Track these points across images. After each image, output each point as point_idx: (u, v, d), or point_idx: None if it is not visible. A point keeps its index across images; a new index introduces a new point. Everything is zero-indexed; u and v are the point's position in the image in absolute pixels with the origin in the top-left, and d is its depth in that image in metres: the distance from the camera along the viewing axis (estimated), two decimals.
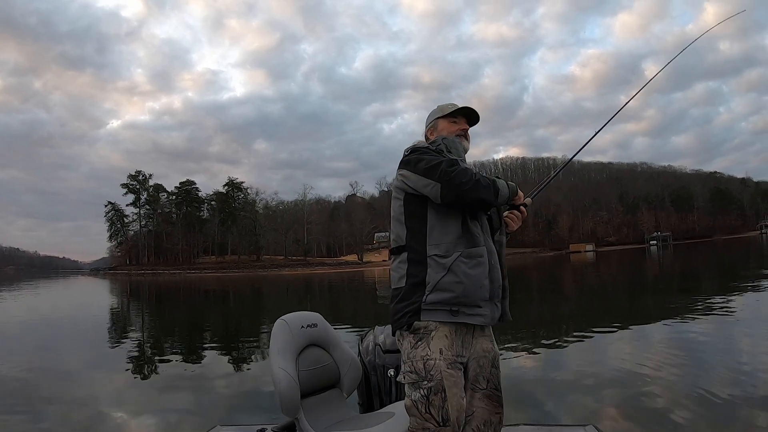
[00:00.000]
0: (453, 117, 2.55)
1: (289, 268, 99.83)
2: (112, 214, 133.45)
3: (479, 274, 2.15)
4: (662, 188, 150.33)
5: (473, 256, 2.15)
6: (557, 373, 6.33)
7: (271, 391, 5.56)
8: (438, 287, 2.12)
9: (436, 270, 2.13)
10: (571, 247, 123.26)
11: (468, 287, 2.12)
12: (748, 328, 8.32)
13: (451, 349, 2.12)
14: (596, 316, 11.65)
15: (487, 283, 2.17)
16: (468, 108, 2.55)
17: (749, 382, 5.15)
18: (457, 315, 2.12)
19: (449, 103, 2.60)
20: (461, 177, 2.13)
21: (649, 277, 25.62)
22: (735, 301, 11.54)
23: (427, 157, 2.23)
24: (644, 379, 5.66)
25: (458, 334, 2.16)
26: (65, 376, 7.38)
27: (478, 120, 2.60)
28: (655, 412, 4.51)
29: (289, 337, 2.60)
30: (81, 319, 16.46)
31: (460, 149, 2.43)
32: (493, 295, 2.21)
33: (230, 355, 9.07)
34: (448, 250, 2.15)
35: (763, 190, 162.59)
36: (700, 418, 4.33)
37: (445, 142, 2.40)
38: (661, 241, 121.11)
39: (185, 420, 4.99)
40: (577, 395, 5.31)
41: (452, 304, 2.11)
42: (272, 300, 25.16)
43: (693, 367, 6.02)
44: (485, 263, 2.17)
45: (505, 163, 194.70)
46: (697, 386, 5.13)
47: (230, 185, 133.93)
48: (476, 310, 2.15)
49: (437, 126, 2.56)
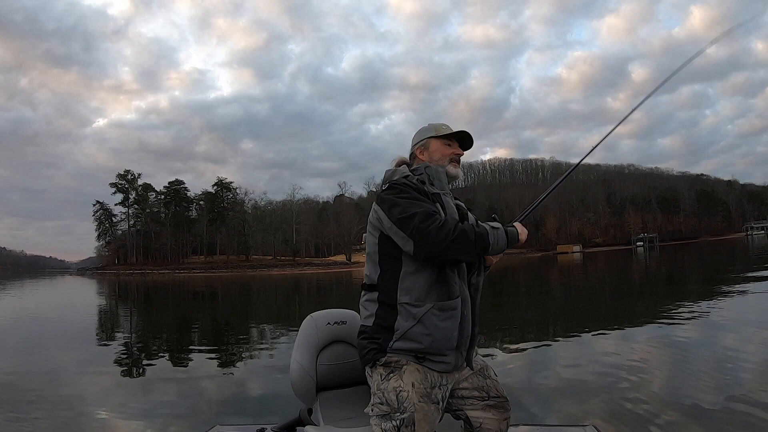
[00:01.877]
0: (448, 139, 2.41)
1: (277, 269, 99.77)
2: (100, 214, 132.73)
3: (450, 327, 2.09)
4: (649, 190, 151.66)
5: (446, 308, 2.08)
6: (557, 374, 6.31)
7: (272, 392, 6.02)
8: (406, 336, 2.07)
9: (406, 318, 2.07)
10: (558, 248, 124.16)
11: (437, 340, 2.07)
12: (736, 329, 8.36)
13: (425, 382, 2.07)
14: (591, 317, 11.71)
15: (456, 334, 2.11)
16: (464, 132, 2.42)
17: (737, 382, 5.22)
18: (422, 361, 2.07)
19: (442, 124, 2.46)
20: (435, 237, 1.97)
21: (636, 278, 25.87)
22: (723, 303, 11.65)
23: (403, 201, 2.08)
24: (644, 379, 5.66)
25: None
26: (58, 377, 7.29)
27: (471, 145, 2.48)
28: (656, 413, 4.51)
29: (312, 332, 2.74)
30: (71, 319, 16.22)
31: (443, 181, 2.30)
32: (459, 345, 2.15)
33: (228, 355, 9.05)
34: (420, 299, 2.07)
35: (749, 193, 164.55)
36: (700, 418, 4.32)
37: (428, 172, 2.28)
38: (648, 243, 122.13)
39: (184, 420, 4.96)
40: (577, 395, 5.30)
41: (418, 352, 2.07)
42: (263, 300, 25.12)
43: (693, 367, 6.00)
44: (457, 315, 2.11)
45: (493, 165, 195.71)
46: (695, 387, 5.15)
47: (219, 185, 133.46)
48: (441, 359, 2.10)
49: (429, 146, 2.41)
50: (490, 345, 8.37)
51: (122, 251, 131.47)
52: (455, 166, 2.38)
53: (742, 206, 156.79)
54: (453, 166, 2.37)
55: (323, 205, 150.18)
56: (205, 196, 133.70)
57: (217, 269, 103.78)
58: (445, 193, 2.27)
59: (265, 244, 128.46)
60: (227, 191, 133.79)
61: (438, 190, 2.24)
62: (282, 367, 7.39)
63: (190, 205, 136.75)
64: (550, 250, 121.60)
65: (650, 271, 30.60)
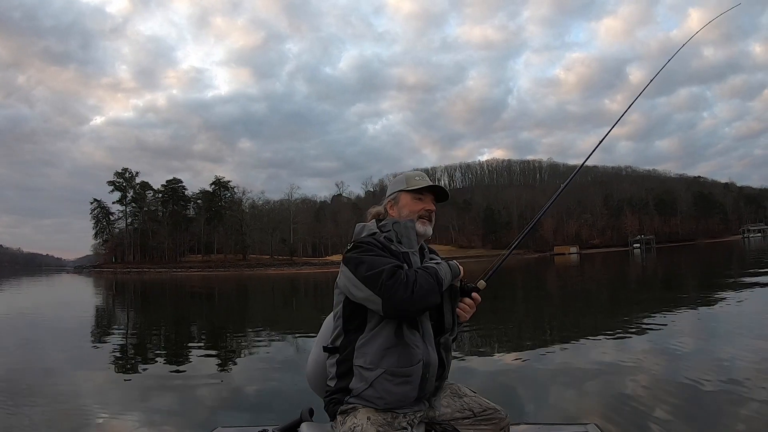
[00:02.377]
0: (419, 193, 2.30)
1: (275, 268, 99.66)
2: (97, 212, 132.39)
3: (406, 391, 2.03)
4: (646, 192, 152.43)
5: (400, 374, 2.01)
6: (558, 372, 6.29)
7: (271, 392, 6.02)
8: (361, 396, 2.03)
9: (360, 380, 2.03)
10: (555, 249, 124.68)
11: (390, 403, 2.02)
12: (736, 329, 8.41)
13: (383, 414, 2.02)
14: (593, 317, 11.86)
15: (414, 393, 2.04)
16: (437, 186, 2.33)
17: (738, 381, 5.23)
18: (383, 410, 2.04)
19: (417, 173, 2.37)
20: (402, 292, 1.92)
21: (634, 279, 25.97)
22: (722, 303, 11.77)
23: (369, 259, 2.03)
24: (644, 379, 5.64)
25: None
26: (54, 375, 7.30)
27: (447, 198, 2.39)
28: (656, 413, 4.49)
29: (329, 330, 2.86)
30: (73, 319, 16.07)
31: (412, 238, 2.20)
32: (420, 398, 2.09)
33: (229, 356, 8.95)
34: (373, 363, 2.01)
35: (746, 195, 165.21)
36: (700, 419, 4.34)
37: (395, 229, 2.20)
38: (645, 245, 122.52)
39: (186, 421, 4.95)
40: (578, 394, 5.30)
41: (377, 407, 2.03)
42: (260, 300, 25.08)
43: (690, 369, 5.93)
44: (416, 380, 2.03)
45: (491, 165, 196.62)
46: (693, 389, 5.13)
47: (217, 184, 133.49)
48: (402, 411, 2.05)
49: (399, 200, 2.32)
50: (485, 345, 8.43)
51: (119, 249, 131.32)
52: (424, 223, 2.26)
53: (739, 209, 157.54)
54: (422, 223, 2.26)
55: (321, 204, 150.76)
56: (203, 195, 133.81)
57: (215, 268, 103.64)
58: (413, 251, 2.18)
59: (263, 243, 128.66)
60: (225, 190, 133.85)
61: (406, 249, 2.16)
62: (281, 368, 7.44)
63: (188, 204, 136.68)
64: (547, 251, 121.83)
65: (647, 273, 30.71)
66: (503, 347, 8.32)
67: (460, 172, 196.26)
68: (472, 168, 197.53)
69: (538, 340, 8.88)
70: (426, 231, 2.25)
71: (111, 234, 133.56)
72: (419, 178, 2.32)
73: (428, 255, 2.32)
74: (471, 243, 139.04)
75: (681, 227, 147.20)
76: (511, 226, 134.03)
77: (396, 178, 2.43)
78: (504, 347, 8.31)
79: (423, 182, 2.30)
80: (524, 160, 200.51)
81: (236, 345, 10.24)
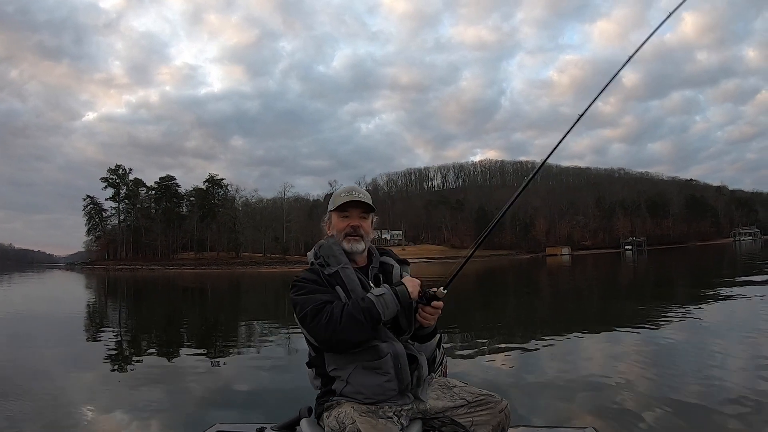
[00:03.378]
0: (343, 210, 2.36)
1: (267, 266, 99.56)
2: (90, 208, 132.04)
3: (383, 383, 2.14)
4: (638, 194, 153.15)
5: (371, 368, 2.13)
6: (556, 375, 6.26)
7: (270, 390, 6.04)
8: (343, 394, 2.16)
9: (339, 382, 2.17)
10: (547, 250, 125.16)
11: (369, 396, 2.14)
12: (722, 335, 8.43)
13: (368, 406, 2.14)
14: (589, 319, 11.88)
15: (393, 385, 2.15)
16: (354, 201, 2.35)
17: (727, 385, 5.26)
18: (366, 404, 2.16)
19: (344, 190, 2.41)
20: (323, 333, 2.06)
21: (628, 281, 26.23)
22: (711, 307, 11.85)
23: (300, 299, 2.17)
24: (643, 380, 5.66)
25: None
26: (51, 375, 7.20)
27: (374, 210, 2.42)
28: (656, 413, 4.52)
29: None
30: (70, 317, 15.90)
31: (337, 255, 2.29)
32: (403, 390, 2.18)
33: (228, 355, 8.87)
34: (346, 364, 2.15)
35: (737, 199, 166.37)
36: (699, 419, 4.35)
37: (322, 254, 2.32)
38: (636, 246, 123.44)
39: (184, 419, 4.94)
40: (577, 397, 5.28)
41: (360, 401, 2.15)
42: (256, 298, 25.20)
43: (688, 370, 6.04)
44: (389, 370, 2.13)
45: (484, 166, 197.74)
46: (694, 390, 5.14)
47: (210, 181, 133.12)
48: (387, 404, 2.16)
49: (331, 221, 2.42)
50: (479, 346, 8.49)
51: (112, 246, 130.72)
52: (350, 241, 2.32)
53: (730, 212, 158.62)
54: (347, 241, 2.32)
55: (313, 203, 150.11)
56: (196, 193, 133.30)
57: (207, 266, 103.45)
58: (343, 266, 2.26)
59: (255, 241, 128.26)
60: (218, 188, 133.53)
61: (335, 267, 2.25)
62: (280, 366, 7.48)
63: (181, 201, 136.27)
64: (539, 252, 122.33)
65: (638, 274, 31.02)
66: (498, 348, 8.33)
67: (453, 172, 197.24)
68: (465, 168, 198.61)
69: (537, 340, 8.85)
70: (353, 248, 2.31)
71: (104, 231, 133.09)
72: (344, 194, 2.36)
73: (378, 259, 2.42)
74: (463, 243, 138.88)
75: (673, 230, 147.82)
76: (503, 226, 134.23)
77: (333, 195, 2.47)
78: (499, 348, 8.32)
79: (344, 198, 2.34)
80: (517, 161, 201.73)
81: (235, 344, 10.17)
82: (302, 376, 2.53)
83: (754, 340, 7.61)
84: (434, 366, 2.40)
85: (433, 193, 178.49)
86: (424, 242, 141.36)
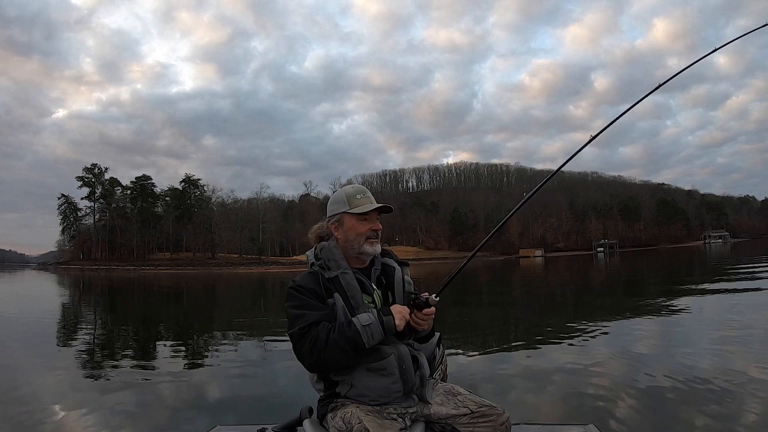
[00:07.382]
0: (364, 215, 2.30)
1: (244, 267, 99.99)
2: (64, 207, 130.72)
3: (388, 384, 2.15)
4: (611, 197, 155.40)
5: (375, 369, 2.14)
6: (556, 372, 6.28)
7: (270, 391, 6.16)
8: (347, 396, 2.18)
9: (343, 385, 2.18)
10: (520, 252, 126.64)
11: (375, 398, 2.16)
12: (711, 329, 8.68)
13: (373, 407, 2.16)
14: (586, 317, 11.66)
15: (398, 386, 2.17)
16: (383, 206, 2.35)
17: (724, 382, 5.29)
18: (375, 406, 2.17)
19: (358, 190, 2.35)
20: (309, 357, 2.08)
21: (596, 282, 26.63)
22: (688, 304, 12.23)
23: (292, 314, 2.16)
24: (642, 378, 5.64)
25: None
26: (50, 373, 7.27)
27: (391, 210, 2.41)
28: (656, 413, 4.53)
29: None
30: (56, 320, 15.71)
31: (339, 261, 2.26)
32: (408, 392, 2.20)
33: (228, 354, 8.86)
34: (349, 366, 2.15)
35: (708, 203, 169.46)
36: (698, 419, 4.34)
37: (323, 256, 2.29)
38: (608, 248, 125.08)
39: (185, 420, 4.96)
40: (577, 394, 5.28)
41: (366, 404, 2.17)
42: (233, 299, 25.34)
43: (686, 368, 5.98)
44: (393, 371, 2.15)
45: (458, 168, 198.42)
46: (692, 390, 5.13)
47: (186, 182, 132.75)
48: (392, 406, 2.18)
49: (343, 222, 2.32)
50: (478, 346, 8.59)
51: (86, 246, 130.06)
52: (372, 244, 2.31)
53: (701, 215, 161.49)
54: (369, 243, 2.31)
55: (288, 204, 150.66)
56: (172, 193, 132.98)
57: (183, 266, 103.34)
58: (343, 271, 2.24)
59: (231, 242, 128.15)
60: (194, 188, 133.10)
61: (335, 272, 2.23)
62: (280, 367, 7.40)
63: (157, 201, 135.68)
64: (512, 253, 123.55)
65: (610, 275, 31.68)
66: (495, 347, 8.50)
67: (428, 174, 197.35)
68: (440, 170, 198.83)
69: (536, 339, 8.92)
70: (375, 250, 2.32)
71: (78, 230, 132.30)
72: (361, 196, 2.33)
73: (379, 260, 2.41)
74: (438, 245, 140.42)
75: (644, 232, 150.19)
76: (477, 228, 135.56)
77: (335, 195, 2.43)
78: (497, 347, 8.48)
79: (367, 204, 2.31)
80: (492, 164, 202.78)
81: (235, 344, 10.11)
82: (302, 377, 2.54)
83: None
84: (434, 365, 2.45)
85: (408, 195, 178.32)
86: (398, 243, 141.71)
